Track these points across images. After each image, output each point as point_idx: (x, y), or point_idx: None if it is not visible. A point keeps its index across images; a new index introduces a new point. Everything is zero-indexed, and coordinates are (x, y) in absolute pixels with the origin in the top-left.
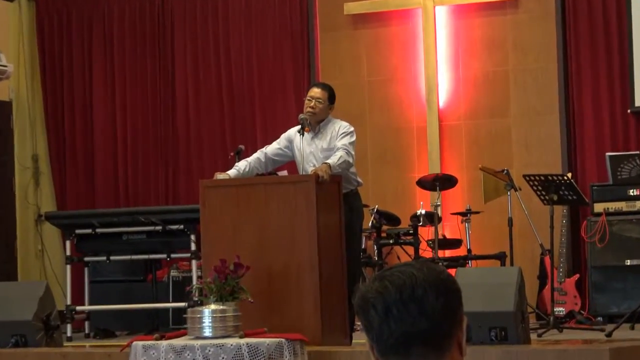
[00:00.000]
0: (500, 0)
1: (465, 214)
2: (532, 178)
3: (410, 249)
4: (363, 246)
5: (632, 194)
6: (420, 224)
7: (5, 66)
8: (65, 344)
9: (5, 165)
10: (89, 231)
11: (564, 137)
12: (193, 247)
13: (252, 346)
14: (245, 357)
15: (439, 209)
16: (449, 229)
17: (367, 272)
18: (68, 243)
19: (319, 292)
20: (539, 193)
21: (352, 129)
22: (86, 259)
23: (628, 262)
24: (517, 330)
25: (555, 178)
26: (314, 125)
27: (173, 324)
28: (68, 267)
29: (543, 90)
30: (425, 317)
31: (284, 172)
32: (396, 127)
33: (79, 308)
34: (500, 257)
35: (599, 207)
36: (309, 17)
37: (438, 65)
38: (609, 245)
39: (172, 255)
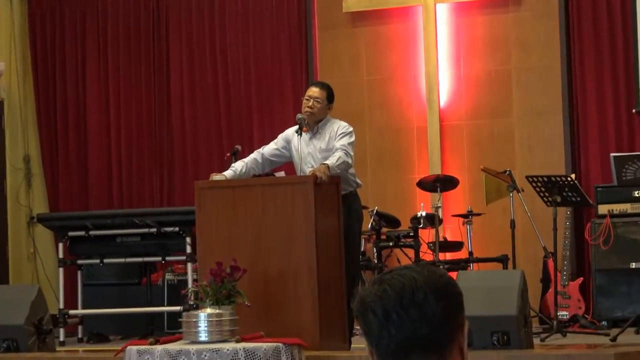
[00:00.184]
0: None
1: (467, 216)
2: (535, 179)
3: (411, 252)
4: (362, 249)
5: (637, 195)
6: (421, 226)
7: None
8: (58, 349)
9: None
10: (82, 233)
11: (567, 138)
12: (188, 249)
13: (249, 351)
14: None
15: (440, 210)
16: (450, 231)
17: (366, 276)
18: (61, 245)
19: (317, 295)
20: (542, 194)
21: (351, 129)
22: (79, 261)
23: (633, 265)
24: (520, 334)
25: (558, 179)
26: (312, 125)
27: (168, 328)
28: (61, 270)
29: (546, 89)
30: (426, 322)
31: (282, 173)
32: (396, 127)
33: (72, 312)
34: (503, 260)
35: (603, 208)
36: (307, 14)
37: (439, 64)
38: (614, 247)
39: (167, 258)
